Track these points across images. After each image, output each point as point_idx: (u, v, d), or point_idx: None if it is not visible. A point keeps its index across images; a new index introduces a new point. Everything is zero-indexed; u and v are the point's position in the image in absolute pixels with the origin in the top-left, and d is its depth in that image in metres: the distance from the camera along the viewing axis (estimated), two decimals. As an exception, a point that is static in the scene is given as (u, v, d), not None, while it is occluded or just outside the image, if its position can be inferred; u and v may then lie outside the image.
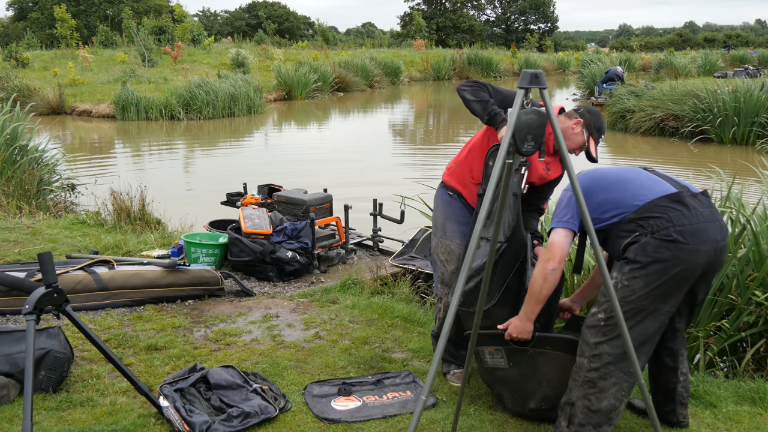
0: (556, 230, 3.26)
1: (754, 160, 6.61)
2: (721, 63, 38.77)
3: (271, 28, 64.61)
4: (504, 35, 75.60)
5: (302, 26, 77.98)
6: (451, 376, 4.19)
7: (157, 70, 27.92)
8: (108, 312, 5.16)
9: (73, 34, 34.27)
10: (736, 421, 3.72)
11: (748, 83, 16.53)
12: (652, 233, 3.08)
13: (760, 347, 4.52)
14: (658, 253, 3.07)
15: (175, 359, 4.34)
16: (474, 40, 62.90)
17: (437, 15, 69.90)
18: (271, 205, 7.08)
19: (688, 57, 39.43)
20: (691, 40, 78.15)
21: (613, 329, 3.11)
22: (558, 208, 3.32)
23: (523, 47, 57.80)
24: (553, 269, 3.21)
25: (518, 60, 45.30)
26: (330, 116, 24.76)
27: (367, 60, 34.22)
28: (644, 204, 3.17)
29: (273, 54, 35.49)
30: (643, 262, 3.07)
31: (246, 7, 78.24)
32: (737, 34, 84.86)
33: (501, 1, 77.85)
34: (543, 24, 78.48)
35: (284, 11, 76.43)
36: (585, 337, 3.21)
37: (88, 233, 7.33)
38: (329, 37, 61.49)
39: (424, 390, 2.39)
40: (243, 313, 5.25)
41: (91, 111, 21.61)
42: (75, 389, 3.88)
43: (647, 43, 71.26)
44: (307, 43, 52.44)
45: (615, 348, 3.13)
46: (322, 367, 4.31)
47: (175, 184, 12.40)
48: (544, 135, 2.46)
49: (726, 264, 4.55)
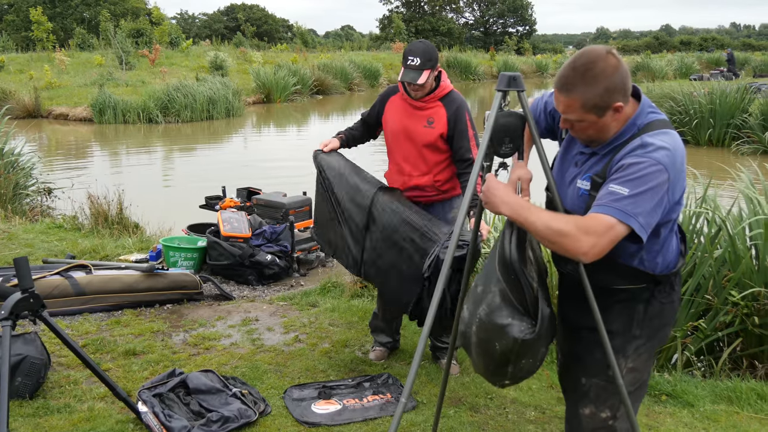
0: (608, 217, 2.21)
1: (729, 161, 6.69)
2: (697, 66, 39.17)
3: (249, 31, 64.34)
4: (483, 38, 75.81)
5: (281, 29, 77.74)
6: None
7: (134, 73, 27.72)
8: (85, 317, 5.11)
9: (50, 37, 33.94)
10: (714, 420, 3.76)
11: (723, 85, 16.70)
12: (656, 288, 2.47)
13: (737, 347, 4.57)
14: (667, 317, 2.55)
15: (153, 364, 4.32)
16: (453, 42, 63.00)
17: (416, 18, 69.94)
18: (250, 208, 7.06)
19: (664, 60, 39.89)
20: (667, 43, 78.77)
21: (623, 418, 2.54)
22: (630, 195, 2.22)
23: (502, 50, 57.96)
24: (584, 252, 2.20)
25: (497, 63, 45.44)
26: (309, 119, 24.72)
27: (347, 63, 34.16)
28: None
29: (252, 57, 35.34)
30: (651, 335, 2.53)
31: (224, 10, 77.86)
32: (713, 37, 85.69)
33: (479, 4, 78.06)
34: (521, 27, 78.77)
35: (263, 14, 76.16)
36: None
37: (65, 238, 7.27)
38: (308, 39, 61.36)
39: (404, 392, 2.39)
40: (222, 317, 5.22)
41: (68, 114, 21.41)
42: (52, 395, 3.84)
43: (624, 46, 71.74)
44: (286, 46, 52.27)
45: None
46: (302, 370, 4.31)
47: (153, 187, 12.32)
48: (523, 137, 2.47)
49: (702, 264, 4.60)
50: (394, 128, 4.17)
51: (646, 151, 2.23)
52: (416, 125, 4.06)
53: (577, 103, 2.24)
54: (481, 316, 2.42)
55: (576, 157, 2.50)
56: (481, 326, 2.43)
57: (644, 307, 2.47)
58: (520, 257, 2.38)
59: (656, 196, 2.20)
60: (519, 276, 2.36)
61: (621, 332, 2.49)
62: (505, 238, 2.42)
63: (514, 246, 2.38)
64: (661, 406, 3.93)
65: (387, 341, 4.57)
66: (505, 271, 2.39)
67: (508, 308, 2.38)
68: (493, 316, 2.39)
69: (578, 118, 2.29)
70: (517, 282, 2.37)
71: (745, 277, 4.55)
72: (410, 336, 4.85)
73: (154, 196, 11.17)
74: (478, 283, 2.51)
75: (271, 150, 16.29)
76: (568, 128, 2.39)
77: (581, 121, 2.29)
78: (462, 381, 4.19)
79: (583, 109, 2.25)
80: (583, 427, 2.59)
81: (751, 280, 4.53)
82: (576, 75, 2.23)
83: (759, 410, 3.88)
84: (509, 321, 2.37)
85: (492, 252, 2.50)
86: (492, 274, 2.42)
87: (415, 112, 4.08)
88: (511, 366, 2.44)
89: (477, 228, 2.83)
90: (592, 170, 2.39)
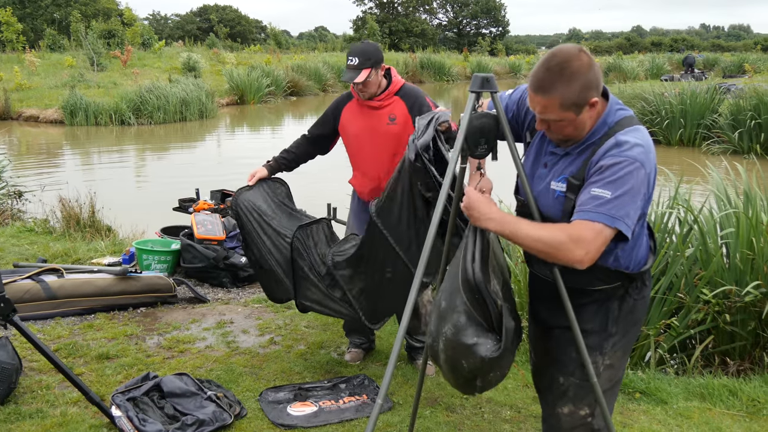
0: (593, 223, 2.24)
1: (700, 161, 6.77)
2: (668, 66, 39.60)
3: (222, 32, 64.04)
4: (456, 39, 76.14)
5: (254, 30, 77.46)
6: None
7: (106, 74, 27.45)
8: (57, 321, 5.06)
9: (19, 38, 33.54)
10: (687, 416, 3.80)
11: (694, 86, 16.91)
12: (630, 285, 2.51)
13: (709, 344, 4.63)
14: (640, 313, 2.60)
15: (127, 368, 4.28)
16: (426, 43, 63.23)
17: (390, 19, 70.02)
18: (225, 210, 7.02)
19: (636, 60, 40.27)
20: (638, 43, 79.70)
21: (599, 416, 2.56)
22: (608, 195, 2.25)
23: (475, 51, 58.26)
24: (580, 261, 2.23)
25: (470, 63, 45.65)
26: (283, 120, 24.67)
27: (320, 64, 34.14)
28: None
29: (225, 58, 35.18)
30: (626, 331, 2.57)
31: (197, 11, 77.37)
32: (683, 38, 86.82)
33: (453, 6, 78.38)
34: (494, 28, 79.21)
35: (236, 15, 75.86)
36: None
37: (36, 241, 7.19)
38: (282, 41, 61.25)
39: (380, 393, 2.39)
40: (197, 319, 5.19)
41: (39, 116, 21.14)
42: (24, 401, 3.79)
43: (596, 47, 72.40)
44: (260, 47, 52.12)
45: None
46: (278, 372, 4.29)
47: (125, 190, 12.22)
48: (497, 139, 2.48)
49: (674, 263, 4.66)
50: (356, 133, 4.16)
51: (622, 150, 2.26)
52: (378, 124, 4.06)
53: (555, 103, 2.26)
54: (448, 336, 2.41)
55: (546, 158, 2.51)
56: (448, 345, 2.42)
57: (618, 304, 2.51)
58: (484, 276, 2.37)
59: (638, 194, 2.25)
60: (483, 295, 2.36)
61: (597, 330, 2.52)
62: (467, 255, 2.41)
63: (477, 265, 2.38)
64: (635, 404, 3.97)
65: (362, 342, 4.56)
66: (469, 290, 2.38)
67: (473, 327, 2.38)
68: (459, 336, 2.39)
69: (557, 118, 2.30)
70: (482, 300, 2.37)
71: (717, 275, 4.61)
72: (386, 337, 4.85)
73: (127, 199, 11.07)
74: (441, 297, 2.49)
75: (245, 151, 16.19)
76: (545, 129, 2.40)
77: (560, 120, 2.31)
78: (438, 381, 4.20)
79: (562, 108, 2.27)
80: (562, 426, 2.60)
81: (722, 278, 4.59)
82: (552, 75, 2.25)
83: (731, 406, 3.93)
84: (475, 340, 2.37)
85: (454, 265, 2.48)
86: (456, 293, 2.41)
87: (374, 113, 4.08)
88: (480, 380, 2.47)
89: (453, 226, 2.82)
90: (566, 171, 2.41)
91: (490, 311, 2.37)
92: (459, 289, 2.40)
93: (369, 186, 4.18)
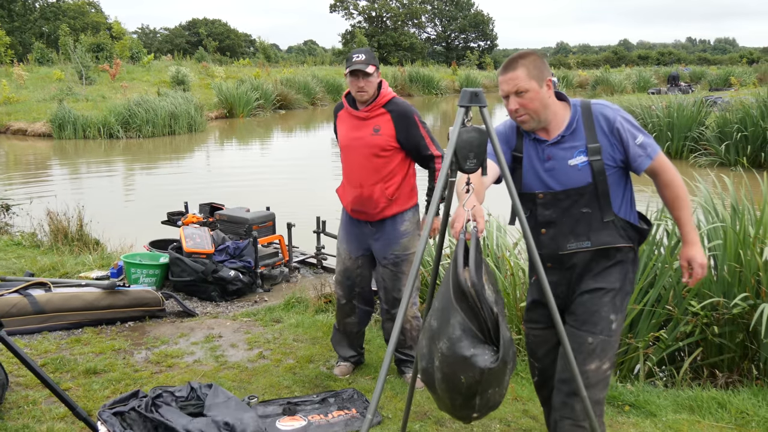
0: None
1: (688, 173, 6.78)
2: (654, 80, 39.88)
3: (211, 45, 64.16)
4: (444, 53, 76.54)
5: (243, 44, 77.63)
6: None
7: (95, 87, 27.41)
8: (45, 335, 5.02)
9: (7, 51, 33.53)
10: (676, 429, 3.80)
11: (681, 99, 17.02)
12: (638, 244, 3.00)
13: (697, 356, 4.64)
14: (635, 275, 3.04)
15: (115, 383, 4.25)
16: (415, 57, 63.50)
17: (378, 33, 70.32)
18: (213, 224, 7.01)
19: (623, 74, 40.52)
20: (625, 57, 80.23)
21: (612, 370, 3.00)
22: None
23: (464, 65, 58.50)
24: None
25: (459, 77, 45.87)
26: (272, 134, 24.66)
27: (309, 77, 34.23)
28: None
29: (214, 72, 35.23)
30: (631, 291, 2.99)
31: (186, 25, 77.52)
32: (669, 51, 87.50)
33: (441, 20, 78.82)
34: (483, 42, 79.71)
35: (225, 29, 76.00)
36: (595, 396, 2.87)
37: (23, 255, 7.15)
38: (271, 54, 61.45)
39: (370, 408, 2.39)
40: (185, 333, 5.17)
41: (27, 129, 21.08)
42: (10, 416, 3.76)
43: (584, 61, 72.92)
44: (249, 60, 52.21)
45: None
46: (267, 386, 4.27)
47: (114, 203, 12.17)
48: (486, 153, 2.49)
49: (662, 275, 4.67)
50: (344, 141, 4.24)
51: (610, 108, 2.86)
52: (363, 135, 4.11)
53: (522, 74, 2.74)
54: (443, 351, 2.38)
55: (547, 152, 2.87)
56: (444, 361, 2.39)
57: (631, 266, 2.95)
58: (479, 281, 2.36)
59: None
60: (479, 301, 2.34)
61: (619, 289, 2.91)
62: (458, 264, 2.39)
63: (472, 269, 2.37)
64: (624, 417, 3.97)
65: (351, 355, 4.56)
66: (463, 299, 2.36)
67: (469, 338, 2.35)
68: (455, 349, 2.35)
69: (525, 87, 2.74)
70: (476, 308, 2.35)
71: (704, 287, 4.63)
72: (375, 350, 4.84)
73: (116, 213, 11.03)
74: (432, 318, 2.46)
75: (233, 165, 16.20)
76: (514, 109, 2.80)
77: (527, 91, 2.75)
78: (427, 395, 4.18)
79: (528, 77, 2.73)
80: (590, 383, 2.86)
81: (710, 290, 4.61)
82: (515, 58, 2.78)
83: (720, 419, 3.93)
84: (472, 351, 2.34)
85: (444, 284, 2.45)
86: (448, 307, 2.38)
87: (360, 123, 4.13)
88: (479, 398, 2.43)
89: (441, 242, 2.83)
90: (574, 148, 2.84)
91: (486, 321, 2.36)
92: (451, 301, 2.37)
93: (351, 194, 4.21)
